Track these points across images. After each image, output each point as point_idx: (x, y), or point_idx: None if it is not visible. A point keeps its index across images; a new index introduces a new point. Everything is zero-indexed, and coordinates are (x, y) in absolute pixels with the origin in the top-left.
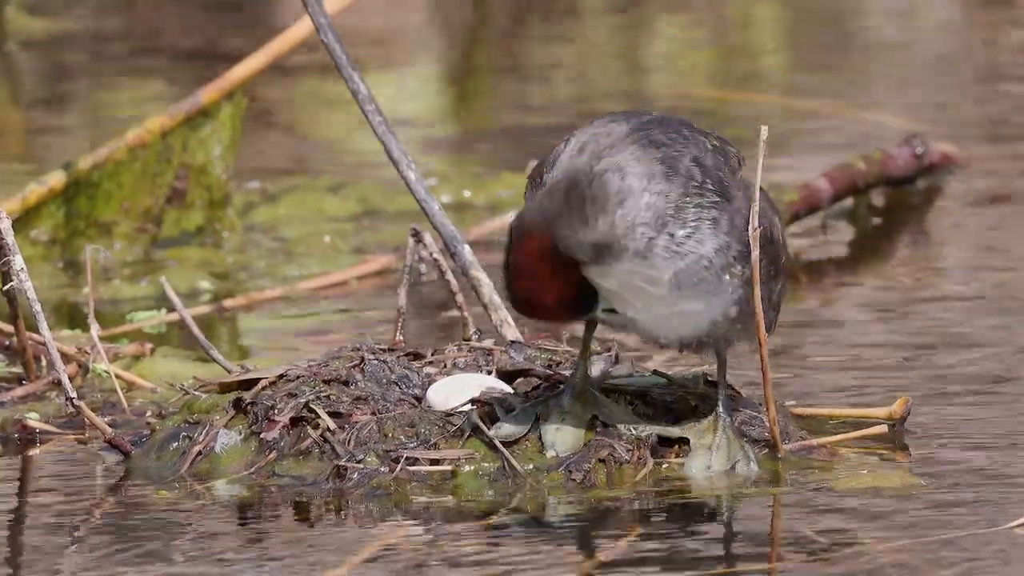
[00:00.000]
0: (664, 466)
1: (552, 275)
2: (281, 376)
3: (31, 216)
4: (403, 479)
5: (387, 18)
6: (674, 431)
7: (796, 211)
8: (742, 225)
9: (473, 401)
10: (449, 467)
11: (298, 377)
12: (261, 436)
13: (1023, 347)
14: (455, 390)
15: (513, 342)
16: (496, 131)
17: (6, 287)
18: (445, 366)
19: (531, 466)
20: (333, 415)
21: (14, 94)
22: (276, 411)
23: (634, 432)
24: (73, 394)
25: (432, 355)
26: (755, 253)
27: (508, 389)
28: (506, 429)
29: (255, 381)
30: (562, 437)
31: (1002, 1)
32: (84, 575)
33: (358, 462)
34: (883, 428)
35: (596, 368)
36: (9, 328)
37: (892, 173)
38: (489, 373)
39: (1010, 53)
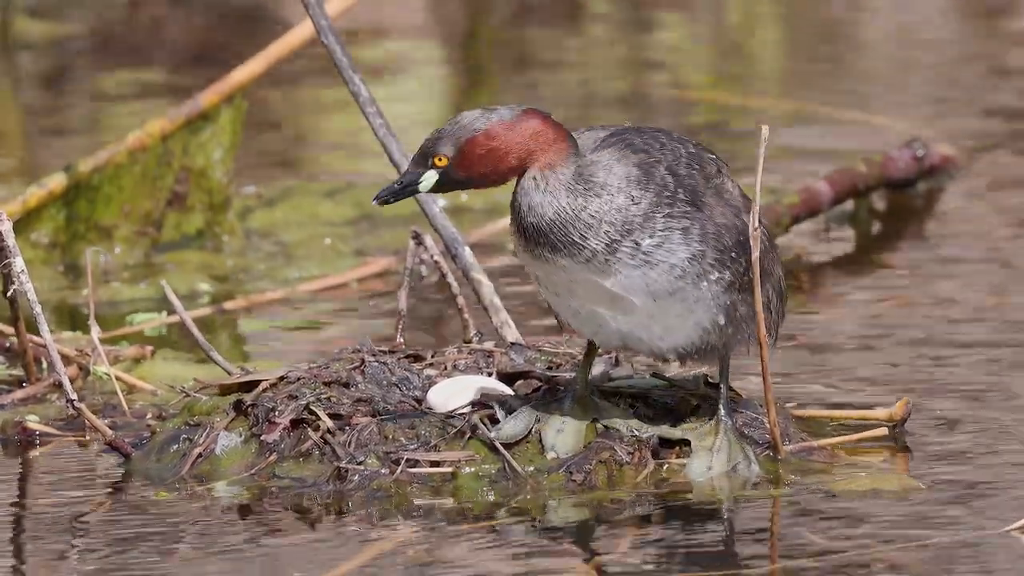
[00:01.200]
0: (665, 467)
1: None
2: (282, 378)
3: (32, 219)
4: (403, 481)
5: (385, 19)
6: (675, 433)
7: (796, 214)
8: (716, 232)
9: (474, 403)
10: (450, 469)
11: (299, 379)
12: (261, 438)
13: (1023, 350)
14: (455, 392)
15: (513, 344)
16: None
17: (7, 290)
18: (445, 368)
19: (532, 468)
20: (334, 417)
21: (15, 97)
22: (277, 413)
23: (636, 433)
24: (73, 396)
25: (432, 357)
26: (755, 254)
27: (508, 391)
28: (507, 430)
29: (256, 383)
30: (563, 439)
31: (1002, 4)
32: None
33: (359, 464)
34: (883, 430)
35: (596, 369)
36: (10, 330)
37: (893, 176)
38: (489, 375)
39: (1009, 55)
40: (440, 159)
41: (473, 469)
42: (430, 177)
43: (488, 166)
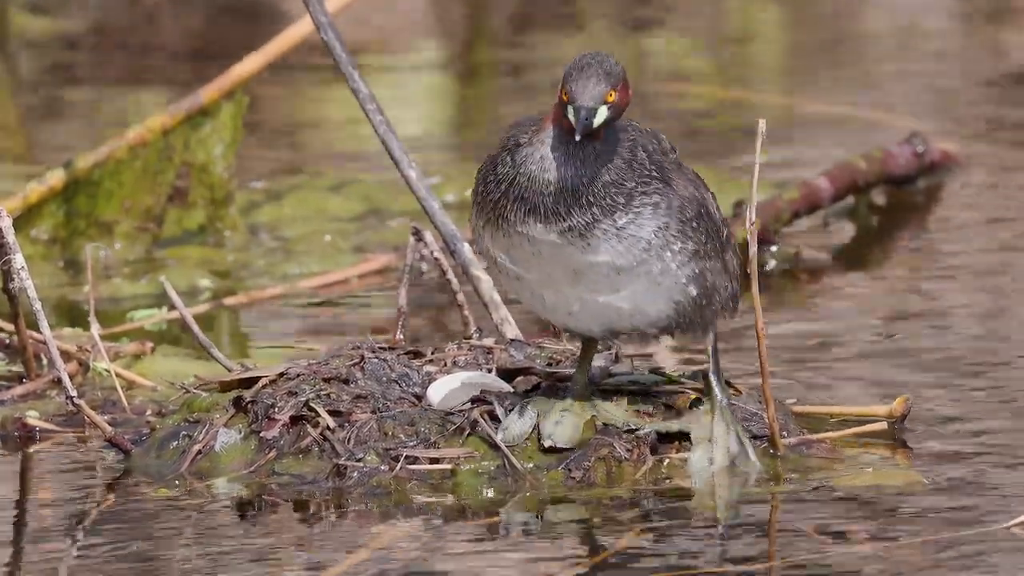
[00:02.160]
0: (665, 463)
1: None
2: (281, 374)
3: (32, 215)
4: (403, 478)
5: (386, 19)
6: (673, 425)
7: (796, 209)
8: (680, 205)
9: (473, 400)
10: (449, 466)
11: (298, 375)
12: (261, 434)
13: None
14: (455, 389)
15: (513, 340)
16: (499, 129)
17: (7, 286)
18: (445, 364)
19: (531, 464)
20: (333, 413)
21: (15, 93)
22: (276, 409)
23: (632, 426)
24: (73, 392)
25: (432, 353)
26: (753, 248)
27: (508, 388)
28: (513, 430)
29: (255, 379)
30: (560, 429)
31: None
32: (84, 574)
33: (358, 460)
34: (883, 426)
35: (596, 365)
36: (10, 326)
37: (893, 172)
38: (489, 371)
39: (1010, 50)
40: (610, 95)
41: (472, 466)
42: (603, 112)
43: (622, 110)
